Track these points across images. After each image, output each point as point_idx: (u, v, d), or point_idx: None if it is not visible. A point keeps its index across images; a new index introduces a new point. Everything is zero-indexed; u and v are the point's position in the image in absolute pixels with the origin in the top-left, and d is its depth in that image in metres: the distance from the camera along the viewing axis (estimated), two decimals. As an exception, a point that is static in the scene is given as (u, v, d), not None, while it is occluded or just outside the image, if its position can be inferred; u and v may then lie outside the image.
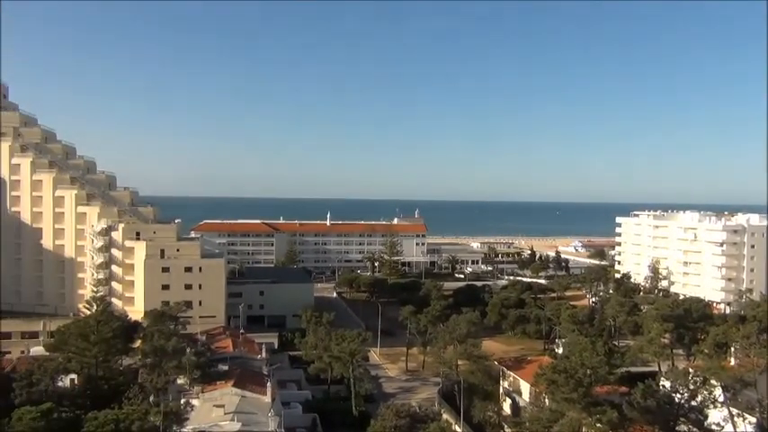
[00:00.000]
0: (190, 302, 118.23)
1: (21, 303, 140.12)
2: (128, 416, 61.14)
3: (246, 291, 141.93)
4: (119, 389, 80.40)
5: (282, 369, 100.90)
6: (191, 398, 73.37)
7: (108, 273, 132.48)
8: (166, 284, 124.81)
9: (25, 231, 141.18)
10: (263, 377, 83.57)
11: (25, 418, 59.12)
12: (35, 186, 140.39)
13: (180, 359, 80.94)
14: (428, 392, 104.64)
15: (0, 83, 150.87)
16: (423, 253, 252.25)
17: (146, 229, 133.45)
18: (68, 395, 78.81)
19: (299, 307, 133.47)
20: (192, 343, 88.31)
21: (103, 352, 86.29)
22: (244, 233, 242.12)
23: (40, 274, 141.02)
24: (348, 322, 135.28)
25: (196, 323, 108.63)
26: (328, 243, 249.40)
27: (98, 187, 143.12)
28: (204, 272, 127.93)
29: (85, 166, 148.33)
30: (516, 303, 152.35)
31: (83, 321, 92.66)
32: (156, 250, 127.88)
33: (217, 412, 67.14)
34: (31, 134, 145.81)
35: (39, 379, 77.57)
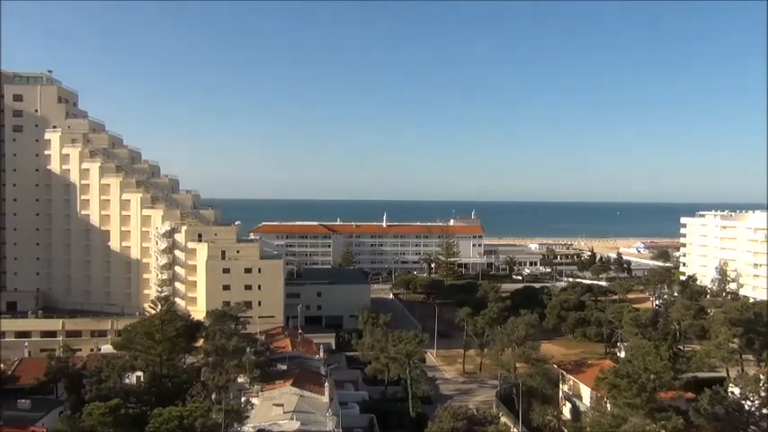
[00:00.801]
0: (249, 303, 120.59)
1: (90, 303, 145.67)
2: (191, 413, 62.62)
3: (304, 291, 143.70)
4: (182, 386, 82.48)
5: (340, 369, 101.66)
6: (251, 396, 74.73)
7: (171, 273, 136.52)
8: (227, 285, 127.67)
9: (94, 234, 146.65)
10: (320, 377, 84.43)
11: (95, 413, 61.34)
12: (103, 190, 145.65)
13: (240, 358, 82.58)
14: (486, 395, 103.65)
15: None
16: (479, 254, 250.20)
17: (207, 230, 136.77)
18: (135, 392, 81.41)
19: (355, 308, 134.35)
20: (252, 342, 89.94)
21: (168, 350, 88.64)
22: (302, 235, 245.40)
23: (108, 274, 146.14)
24: (405, 323, 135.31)
25: (255, 323, 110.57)
26: (384, 244, 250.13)
27: (162, 190, 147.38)
28: (263, 273, 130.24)
29: (150, 170, 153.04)
30: (576, 305, 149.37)
31: (148, 321, 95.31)
32: (217, 252, 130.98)
33: (276, 411, 68.22)
34: (100, 140, 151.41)
35: (107, 376, 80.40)
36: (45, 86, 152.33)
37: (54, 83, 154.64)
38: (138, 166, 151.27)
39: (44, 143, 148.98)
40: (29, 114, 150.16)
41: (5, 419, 68.41)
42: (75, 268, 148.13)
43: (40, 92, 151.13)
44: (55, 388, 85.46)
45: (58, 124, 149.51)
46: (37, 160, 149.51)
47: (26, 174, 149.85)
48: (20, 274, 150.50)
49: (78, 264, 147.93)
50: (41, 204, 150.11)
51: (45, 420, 72.34)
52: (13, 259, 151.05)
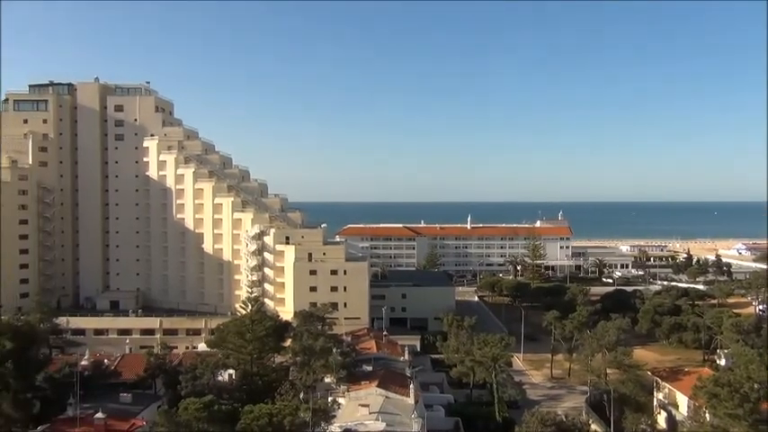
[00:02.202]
0: (335, 304, 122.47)
1: (186, 302, 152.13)
2: (280, 411, 64.10)
3: (389, 293, 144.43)
4: (271, 385, 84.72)
5: (425, 371, 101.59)
6: (337, 396, 75.82)
7: (261, 275, 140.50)
8: (314, 286, 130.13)
9: (189, 236, 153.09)
10: (406, 379, 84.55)
11: (190, 409, 63.84)
12: (197, 195, 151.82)
13: (327, 358, 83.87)
14: (575, 401, 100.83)
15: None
16: (567, 256, 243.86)
17: (294, 233, 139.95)
18: (227, 389, 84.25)
19: (440, 310, 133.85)
20: (338, 343, 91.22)
21: (258, 349, 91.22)
22: (386, 237, 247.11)
23: (202, 275, 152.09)
24: (490, 326, 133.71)
25: (341, 324, 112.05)
26: (469, 246, 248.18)
27: (251, 194, 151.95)
28: (349, 274, 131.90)
29: (240, 174, 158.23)
30: (671, 310, 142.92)
31: (239, 320, 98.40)
32: (304, 254, 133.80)
33: (362, 411, 68.85)
34: (193, 146, 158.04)
35: (201, 373, 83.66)
36: (143, 97, 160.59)
37: (151, 93, 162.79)
38: (229, 171, 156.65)
39: (143, 150, 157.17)
40: (129, 124, 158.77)
41: (109, 411, 72.40)
42: (172, 269, 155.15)
43: (139, 102, 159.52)
44: (153, 383, 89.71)
45: (155, 132, 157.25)
46: (136, 167, 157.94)
47: (127, 180, 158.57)
48: (121, 275, 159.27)
49: (174, 265, 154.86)
50: (140, 208, 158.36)
51: (144, 414, 76.16)
52: (116, 261, 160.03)
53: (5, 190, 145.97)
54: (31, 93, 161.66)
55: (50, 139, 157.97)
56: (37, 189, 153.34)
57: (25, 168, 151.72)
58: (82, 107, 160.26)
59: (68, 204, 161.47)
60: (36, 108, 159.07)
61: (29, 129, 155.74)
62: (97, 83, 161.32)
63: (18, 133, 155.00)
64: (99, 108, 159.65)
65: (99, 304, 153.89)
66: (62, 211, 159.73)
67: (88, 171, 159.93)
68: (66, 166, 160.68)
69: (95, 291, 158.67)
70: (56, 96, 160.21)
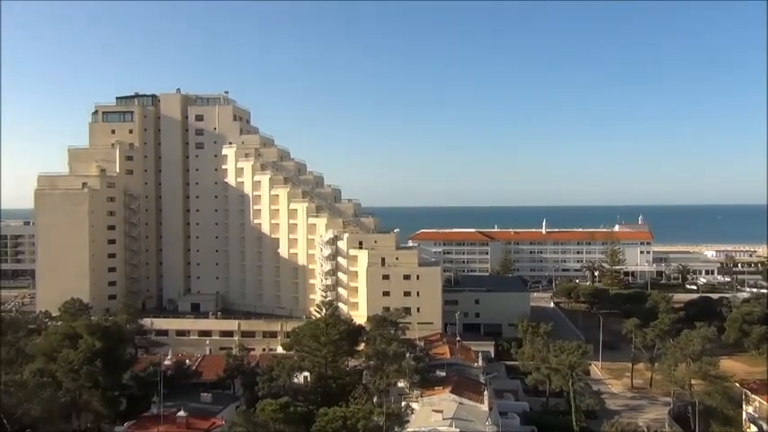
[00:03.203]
0: (408, 309, 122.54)
1: (262, 306, 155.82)
2: (354, 414, 64.68)
3: (462, 299, 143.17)
4: (345, 388, 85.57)
5: (499, 378, 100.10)
6: (410, 401, 75.75)
7: (335, 279, 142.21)
8: (387, 291, 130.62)
9: (265, 241, 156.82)
10: (479, 385, 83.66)
11: (267, 410, 65.32)
12: (273, 200, 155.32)
13: (400, 363, 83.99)
14: (657, 412, 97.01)
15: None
16: (648, 262, 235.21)
17: (367, 238, 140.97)
18: (302, 391, 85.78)
19: (514, 316, 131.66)
20: (412, 348, 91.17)
21: (332, 353, 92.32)
22: (459, 242, 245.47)
23: (278, 279, 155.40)
24: (566, 333, 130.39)
25: (414, 329, 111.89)
26: (544, 251, 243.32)
27: (325, 200, 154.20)
28: (421, 279, 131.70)
29: (314, 180, 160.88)
30: (762, 319, 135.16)
31: (314, 324, 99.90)
32: (377, 258, 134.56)
33: (435, 417, 68.52)
34: (269, 153, 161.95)
35: (278, 375, 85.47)
36: (222, 106, 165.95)
37: (229, 102, 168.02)
38: (303, 177, 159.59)
39: (221, 158, 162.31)
40: (209, 132, 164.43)
41: (190, 410, 75.02)
42: (249, 273, 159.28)
43: (218, 111, 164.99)
44: (232, 384, 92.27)
45: (233, 140, 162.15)
46: (216, 174, 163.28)
47: (207, 186, 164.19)
48: (202, 278, 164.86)
49: (251, 269, 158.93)
50: (220, 214, 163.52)
51: (224, 413, 78.40)
52: (196, 264, 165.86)
53: (95, 197, 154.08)
54: (118, 104, 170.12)
55: (136, 148, 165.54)
56: (124, 196, 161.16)
57: (113, 177, 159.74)
58: (165, 117, 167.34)
59: (152, 210, 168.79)
60: (123, 119, 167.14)
61: (116, 139, 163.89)
62: (179, 94, 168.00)
63: (106, 143, 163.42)
64: (181, 118, 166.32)
65: (181, 306, 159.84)
66: (147, 216, 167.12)
67: (171, 178, 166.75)
68: (151, 174, 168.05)
69: (177, 293, 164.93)
70: (141, 108, 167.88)
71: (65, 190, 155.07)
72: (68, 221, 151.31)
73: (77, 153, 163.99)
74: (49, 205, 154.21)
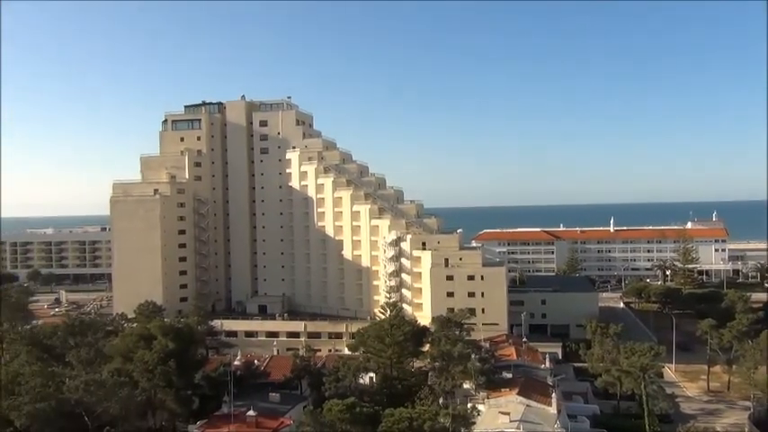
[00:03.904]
0: (473, 309, 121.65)
1: (327, 307, 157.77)
2: (420, 415, 64.65)
3: (528, 299, 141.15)
4: (411, 389, 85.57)
5: (567, 380, 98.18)
6: (476, 402, 75.13)
7: (398, 280, 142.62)
8: (451, 292, 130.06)
9: (329, 243, 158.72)
10: (547, 387, 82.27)
11: (334, 410, 66.07)
12: (336, 203, 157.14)
13: (465, 364, 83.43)
14: (736, 417, 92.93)
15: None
16: (723, 260, 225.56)
17: (430, 239, 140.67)
18: (368, 392, 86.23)
19: (582, 317, 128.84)
20: (477, 349, 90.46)
21: (397, 354, 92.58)
22: (523, 241, 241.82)
23: (342, 281, 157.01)
24: (637, 334, 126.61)
25: (479, 330, 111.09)
26: (612, 250, 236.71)
27: (388, 201, 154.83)
28: (486, 280, 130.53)
29: (377, 182, 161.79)
30: None
31: (378, 325, 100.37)
32: (440, 259, 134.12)
33: (502, 419, 67.77)
34: (332, 156, 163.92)
35: (344, 375, 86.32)
36: (285, 112, 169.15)
37: (292, 107, 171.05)
38: (366, 180, 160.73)
39: (285, 162, 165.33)
40: (273, 137, 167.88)
41: (260, 410, 76.63)
42: (314, 275, 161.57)
43: (281, 117, 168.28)
44: (299, 384, 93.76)
45: (296, 144, 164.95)
46: (280, 178, 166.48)
47: (271, 190, 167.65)
48: (268, 281, 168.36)
49: (316, 271, 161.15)
50: (284, 217, 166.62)
51: (292, 413, 79.70)
52: (263, 267, 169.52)
53: (166, 203, 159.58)
54: (186, 113, 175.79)
55: (204, 154, 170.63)
56: (193, 201, 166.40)
57: (183, 183, 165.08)
58: (231, 124, 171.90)
59: (220, 215, 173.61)
60: (191, 127, 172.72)
61: (185, 146, 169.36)
62: (243, 100, 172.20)
63: (176, 151, 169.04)
64: (246, 124, 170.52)
65: (249, 308, 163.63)
66: (215, 221, 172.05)
67: (237, 183, 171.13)
68: (218, 180, 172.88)
69: (245, 295, 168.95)
70: (207, 115, 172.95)
71: (138, 197, 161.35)
72: (142, 227, 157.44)
73: (149, 161, 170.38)
74: (124, 212, 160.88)
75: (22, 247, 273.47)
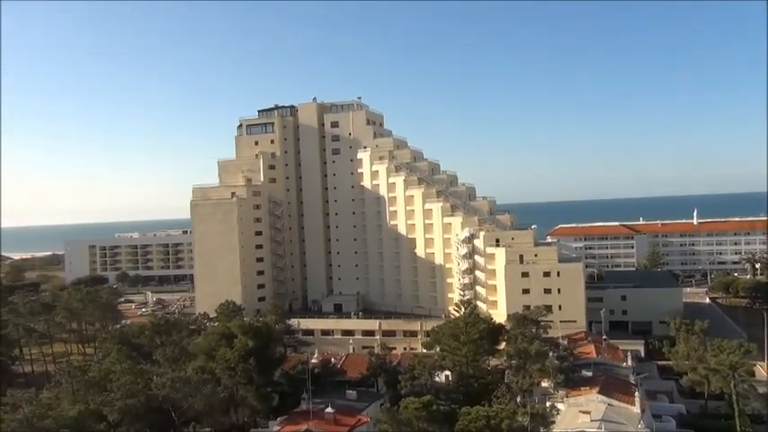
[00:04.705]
0: (549, 306, 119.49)
1: (401, 305, 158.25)
2: (497, 414, 64.00)
3: (607, 295, 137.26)
4: (487, 387, 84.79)
5: (651, 379, 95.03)
6: (555, 401, 73.72)
7: (472, 278, 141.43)
8: (526, 289, 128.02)
9: (402, 242, 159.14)
10: (629, 386, 79.88)
11: (410, 408, 66.27)
12: (408, 201, 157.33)
13: (543, 362, 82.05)
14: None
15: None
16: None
17: (504, 235, 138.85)
18: (444, 390, 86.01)
19: (665, 313, 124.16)
20: (555, 347, 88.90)
21: (472, 352, 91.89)
22: (601, 236, 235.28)
23: (416, 279, 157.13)
24: (725, 331, 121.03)
25: (557, 327, 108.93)
26: (696, 243, 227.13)
27: (460, 198, 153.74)
28: (562, 276, 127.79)
29: (448, 180, 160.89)
30: None
31: (453, 323, 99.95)
32: (514, 256, 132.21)
33: (583, 418, 66.28)
34: (403, 155, 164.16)
35: (419, 373, 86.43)
36: (356, 112, 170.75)
37: (363, 108, 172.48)
38: (437, 177, 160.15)
39: (357, 162, 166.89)
40: (344, 138, 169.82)
41: (337, 407, 77.79)
42: (388, 273, 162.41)
43: (352, 117, 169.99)
44: (375, 382, 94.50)
45: (367, 144, 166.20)
46: (352, 178, 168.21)
47: (344, 190, 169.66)
48: (343, 280, 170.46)
49: (390, 269, 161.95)
50: (357, 217, 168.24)
51: (368, 410, 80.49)
52: (338, 266, 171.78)
53: (243, 205, 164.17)
54: (260, 117, 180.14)
55: (277, 157, 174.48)
56: (268, 203, 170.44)
57: (258, 185, 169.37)
58: (303, 126, 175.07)
59: (295, 216, 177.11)
60: (264, 130, 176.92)
61: (259, 150, 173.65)
62: (315, 102, 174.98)
63: (250, 154, 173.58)
64: (317, 125, 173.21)
65: (324, 307, 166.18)
66: (290, 222, 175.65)
67: (311, 184, 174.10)
68: (292, 181, 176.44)
69: (321, 294, 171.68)
70: (280, 118, 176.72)
71: (216, 200, 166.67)
72: (220, 229, 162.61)
73: (226, 165, 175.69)
74: (203, 215, 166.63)
75: (111, 250, 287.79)
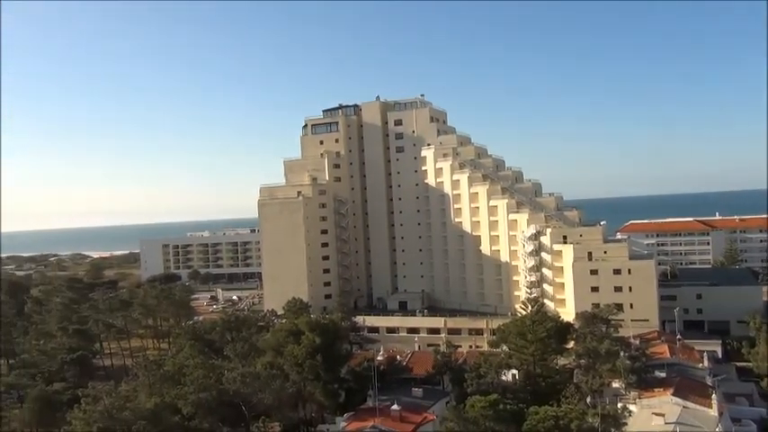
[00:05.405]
0: (620, 305, 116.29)
1: (467, 303, 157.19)
2: (566, 414, 62.91)
3: (681, 294, 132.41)
4: (556, 387, 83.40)
5: (729, 381, 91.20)
6: (627, 402, 71.80)
7: (539, 275, 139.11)
8: (595, 287, 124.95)
9: (467, 239, 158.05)
10: (706, 388, 77.03)
11: (477, 406, 65.85)
12: (472, 198, 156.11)
13: (614, 362, 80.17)
14: None
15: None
16: None
17: (572, 232, 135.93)
18: (510, 389, 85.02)
19: (745, 312, 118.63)
20: (626, 346, 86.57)
21: (539, 351, 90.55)
22: (674, 232, 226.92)
23: (481, 276, 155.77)
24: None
25: (628, 326, 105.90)
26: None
27: (525, 195, 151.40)
28: (633, 274, 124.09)
29: (513, 176, 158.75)
30: None
31: (519, 321, 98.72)
32: (583, 253, 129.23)
33: (656, 421, 64.33)
34: (467, 152, 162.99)
35: (486, 372, 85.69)
36: (419, 110, 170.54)
37: (426, 105, 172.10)
38: (502, 174, 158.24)
39: (420, 160, 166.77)
40: (408, 136, 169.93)
41: (403, 404, 78.06)
42: (453, 271, 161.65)
43: (415, 115, 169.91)
44: (441, 380, 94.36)
45: (431, 142, 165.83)
46: (416, 176, 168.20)
47: (408, 188, 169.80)
48: (408, 277, 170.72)
49: (455, 267, 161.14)
50: (421, 214, 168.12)
51: (434, 408, 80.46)
52: (402, 264, 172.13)
53: (309, 204, 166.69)
54: (324, 117, 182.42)
55: (342, 156, 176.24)
56: (333, 202, 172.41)
57: (323, 184, 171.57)
58: (366, 125, 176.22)
59: (359, 214, 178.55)
60: (329, 130, 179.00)
61: (324, 149, 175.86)
62: (378, 101, 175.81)
63: (316, 154, 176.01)
64: (381, 124, 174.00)
65: (389, 305, 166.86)
66: (355, 220, 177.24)
67: (375, 182, 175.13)
68: (356, 180, 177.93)
69: (386, 292, 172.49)
70: (344, 118, 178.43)
71: (282, 199, 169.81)
72: (287, 228, 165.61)
73: (292, 164, 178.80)
74: (270, 214, 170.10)
75: (183, 249, 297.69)
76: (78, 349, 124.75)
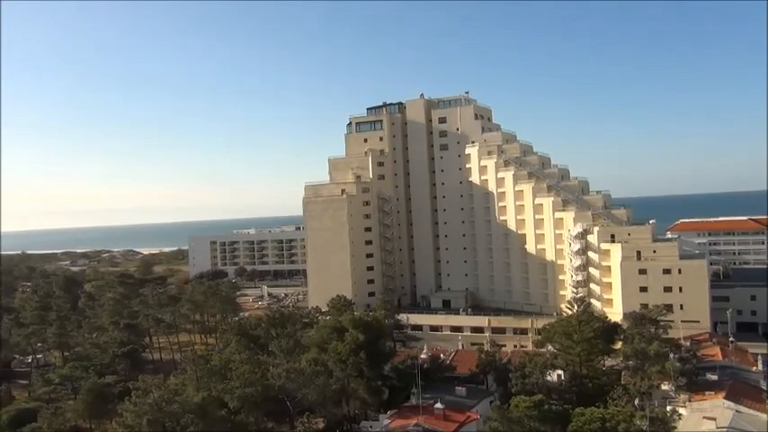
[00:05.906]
0: (670, 306, 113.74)
1: (511, 302, 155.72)
2: (613, 416, 61.90)
3: (734, 295, 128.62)
4: (602, 388, 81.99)
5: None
6: (677, 405, 70.15)
7: (586, 274, 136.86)
8: (644, 287, 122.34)
9: (512, 238, 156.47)
10: (760, 392, 74.75)
11: (521, 406, 65.30)
12: (517, 196, 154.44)
13: (663, 364, 78.47)
14: None
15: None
16: None
17: (620, 231, 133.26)
18: (556, 389, 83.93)
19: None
20: (676, 348, 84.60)
21: (586, 351, 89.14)
22: (727, 231, 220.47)
23: (526, 275, 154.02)
24: None
25: (678, 328, 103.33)
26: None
27: (572, 193, 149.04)
28: (684, 274, 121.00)
29: (559, 173, 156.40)
30: None
31: (565, 321, 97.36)
32: (631, 252, 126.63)
33: (707, 425, 62.59)
34: (512, 150, 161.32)
35: (530, 372, 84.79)
36: (463, 107, 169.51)
37: (470, 102, 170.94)
38: (548, 171, 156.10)
39: (465, 157, 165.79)
40: (452, 133, 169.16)
41: (446, 403, 77.83)
42: (497, 270, 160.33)
43: (459, 112, 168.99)
44: (485, 379, 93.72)
45: (475, 139, 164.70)
46: (460, 173, 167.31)
47: (452, 186, 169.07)
48: (451, 276, 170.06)
49: (499, 266, 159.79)
50: (465, 213, 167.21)
51: (478, 407, 80.00)
52: (446, 262, 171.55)
53: (353, 202, 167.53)
54: (368, 115, 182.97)
55: (386, 154, 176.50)
56: (377, 200, 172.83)
57: (367, 182, 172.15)
58: (410, 122, 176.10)
59: (403, 212, 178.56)
60: (373, 128, 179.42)
61: (368, 147, 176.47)
62: (422, 99, 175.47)
63: (360, 152, 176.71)
64: (425, 122, 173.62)
65: (433, 303, 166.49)
66: (398, 218, 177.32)
67: (419, 180, 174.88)
68: (400, 178, 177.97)
69: (429, 290, 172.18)
70: (388, 116, 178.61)
71: (327, 197, 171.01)
72: (331, 225, 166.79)
73: (336, 162, 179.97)
74: (315, 211, 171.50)
75: (230, 246, 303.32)
76: (129, 343, 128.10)
